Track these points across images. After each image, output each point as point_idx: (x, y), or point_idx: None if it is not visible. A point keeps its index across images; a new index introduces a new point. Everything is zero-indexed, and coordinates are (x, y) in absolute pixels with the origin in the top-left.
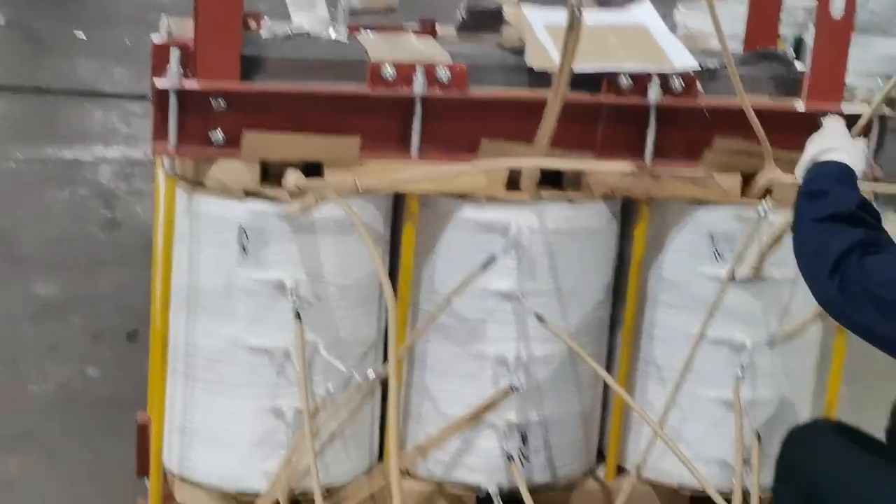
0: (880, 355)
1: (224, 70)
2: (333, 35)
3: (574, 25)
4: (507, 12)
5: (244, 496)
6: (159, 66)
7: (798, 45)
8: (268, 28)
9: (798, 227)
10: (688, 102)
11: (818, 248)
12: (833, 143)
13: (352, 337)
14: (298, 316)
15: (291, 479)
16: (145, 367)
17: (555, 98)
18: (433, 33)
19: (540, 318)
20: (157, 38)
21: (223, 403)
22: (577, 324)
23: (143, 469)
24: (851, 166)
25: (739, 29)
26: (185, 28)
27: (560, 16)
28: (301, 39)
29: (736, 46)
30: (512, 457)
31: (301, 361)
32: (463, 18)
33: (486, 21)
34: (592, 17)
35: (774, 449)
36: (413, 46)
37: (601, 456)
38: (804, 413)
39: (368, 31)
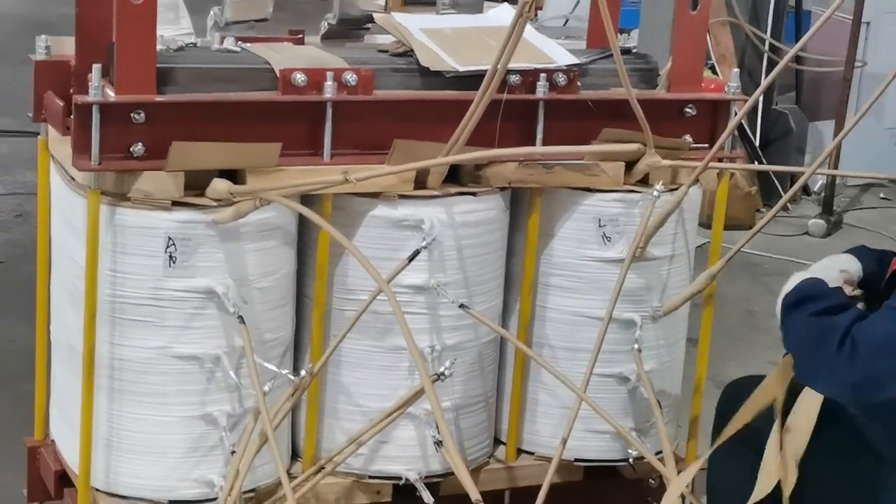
0: None
1: (141, 83)
2: (217, 45)
3: (517, 27)
4: (379, 18)
5: None
6: (41, 84)
7: None
8: (160, 40)
9: (794, 325)
10: (571, 95)
11: (821, 333)
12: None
13: (273, 338)
14: (242, 320)
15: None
16: None
17: (482, 96)
18: (301, 42)
19: (464, 307)
20: (39, 56)
21: (152, 414)
22: (482, 311)
23: (35, 496)
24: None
25: None
26: (63, 46)
27: (429, 20)
28: (196, 50)
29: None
30: (440, 443)
31: (252, 364)
32: (330, 26)
33: (351, 29)
34: (459, 21)
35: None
36: (306, 53)
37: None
38: (680, 380)
39: (239, 41)
